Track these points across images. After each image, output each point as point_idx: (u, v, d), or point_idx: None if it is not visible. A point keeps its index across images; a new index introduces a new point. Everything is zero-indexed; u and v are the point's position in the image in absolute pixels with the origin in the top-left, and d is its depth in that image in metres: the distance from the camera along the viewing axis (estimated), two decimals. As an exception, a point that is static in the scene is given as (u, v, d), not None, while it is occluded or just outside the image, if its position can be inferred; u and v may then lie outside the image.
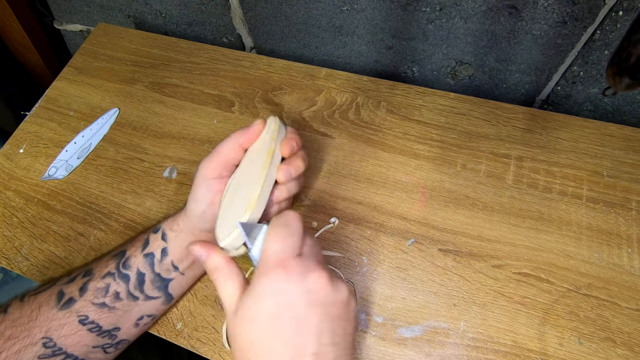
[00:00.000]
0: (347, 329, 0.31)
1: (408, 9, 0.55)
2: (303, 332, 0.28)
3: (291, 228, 0.31)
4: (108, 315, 0.37)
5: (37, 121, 0.58)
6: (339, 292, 0.30)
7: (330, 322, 0.29)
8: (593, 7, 0.47)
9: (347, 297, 0.31)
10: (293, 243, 0.31)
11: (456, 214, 0.47)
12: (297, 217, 0.32)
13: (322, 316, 0.29)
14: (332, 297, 0.30)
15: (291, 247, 0.31)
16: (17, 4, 0.76)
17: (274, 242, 0.31)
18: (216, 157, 0.38)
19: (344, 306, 0.30)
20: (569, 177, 0.49)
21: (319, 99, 0.57)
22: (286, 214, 0.32)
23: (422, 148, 0.52)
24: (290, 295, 0.29)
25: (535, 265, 0.44)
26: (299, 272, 0.29)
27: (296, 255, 0.31)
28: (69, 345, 0.35)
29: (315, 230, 0.47)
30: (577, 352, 0.39)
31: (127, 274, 0.38)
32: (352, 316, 0.31)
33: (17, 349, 0.34)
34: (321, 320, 0.29)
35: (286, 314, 0.29)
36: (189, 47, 0.64)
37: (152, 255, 0.39)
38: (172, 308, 0.43)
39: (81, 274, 0.38)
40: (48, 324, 0.35)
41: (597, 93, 0.57)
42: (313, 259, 0.31)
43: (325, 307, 0.29)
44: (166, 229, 0.40)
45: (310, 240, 0.33)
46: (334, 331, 0.29)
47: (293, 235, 0.31)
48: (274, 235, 0.31)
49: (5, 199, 0.52)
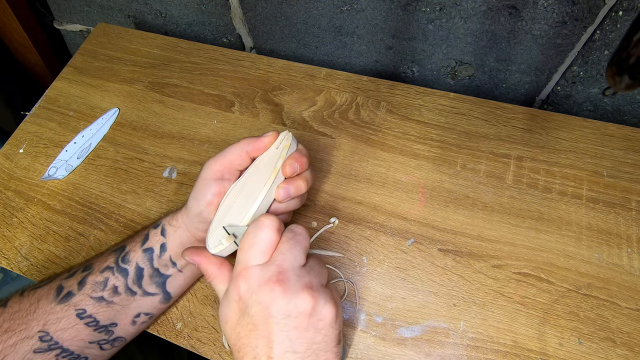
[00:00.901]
0: (315, 338, 0.31)
1: (408, 9, 0.55)
2: (260, 338, 0.30)
3: (259, 236, 0.32)
4: (105, 310, 0.37)
5: (37, 121, 0.58)
6: (296, 306, 0.30)
7: (286, 332, 0.30)
8: (593, 7, 0.47)
9: (309, 310, 0.31)
10: (257, 252, 0.32)
11: (456, 214, 0.47)
12: (270, 224, 0.33)
13: (277, 326, 0.30)
14: (286, 311, 0.30)
15: (255, 256, 0.32)
16: (17, 4, 0.76)
17: (241, 250, 0.33)
18: (221, 159, 0.38)
19: (304, 318, 0.30)
20: (568, 177, 0.49)
21: (319, 99, 0.57)
22: (260, 220, 0.33)
23: (422, 148, 0.52)
24: (247, 304, 0.31)
25: (535, 265, 0.44)
26: (257, 283, 0.31)
27: (261, 263, 0.32)
28: (65, 340, 0.35)
29: (315, 230, 0.47)
30: (577, 352, 0.39)
31: (125, 268, 0.38)
32: (322, 325, 0.31)
33: (14, 342, 0.34)
34: (276, 329, 0.30)
35: (245, 319, 0.31)
36: (189, 47, 0.64)
37: (152, 250, 0.39)
38: (171, 308, 0.43)
39: (81, 269, 0.39)
40: (46, 317, 0.35)
41: (597, 93, 0.57)
42: (275, 269, 0.31)
43: (280, 319, 0.30)
44: (166, 224, 0.40)
45: (284, 246, 0.32)
46: (294, 340, 0.30)
47: (258, 244, 0.32)
48: (243, 242, 0.33)
49: (5, 199, 0.52)
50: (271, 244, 0.32)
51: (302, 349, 0.30)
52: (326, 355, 0.31)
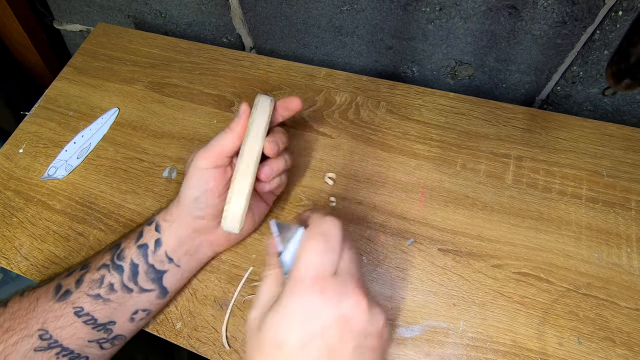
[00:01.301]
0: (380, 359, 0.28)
1: (408, 9, 0.55)
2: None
3: (330, 240, 0.28)
4: (103, 308, 0.37)
5: (37, 121, 0.58)
6: (375, 321, 0.27)
7: (361, 355, 0.27)
8: (593, 7, 0.47)
9: (382, 327, 0.28)
10: (331, 259, 0.28)
11: (456, 213, 0.47)
12: (337, 226, 0.29)
13: (356, 348, 0.26)
14: (368, 328, 0.27)
15: (329, 264, 0.27)
16: (17, 4, 0.76)
17: (310, 255, 0.28)
18: (212, 150, 0.38)
19: (378, 337, 0.27)
20: (568, 177, 0.49)
21: (319, 98, 0.57)
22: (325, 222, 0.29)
23: (422, 148, 0.52)
24: (324, 321, 0.26)
25: (534, 265, 0.44)
26: (336, 295, 0.26)
27: (333, 272, 0.27)
28: (65, 338, 0.35)
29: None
30: (576, 351, 0.39)
31: (121, 265, 0.38)
32: (386, 346, 0.29)
33: (15, 341, 0.34)
34: (354, 352, 0.26)
35: (318, 342, 0.26)
36: (189, 47, 0.64)
37: (146, 246, 0.39)
38: (171, 308, 0.43)
39: (78, 268, 0.39)
40: (45, 315, 0.36)
41: (597, 93, 0.57)
42: (351, 279, 0.27)
43: (360, 339, 0.27)
44: (159, 220, 0.40)
45: (348, 254, 0.29)
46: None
47: (332, 250, 0.28)
48: (310, 247, 0.28)
49: (5, 199, 0.52)
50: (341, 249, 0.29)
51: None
52: None
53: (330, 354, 0.26)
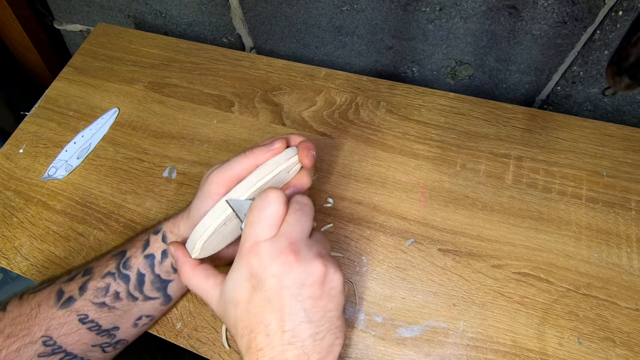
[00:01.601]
0: (328, 306, 0.31)
1: (408, 9, 0.55)
2: (274, 311, 0.30)
3: (267, 210, 0.32)
4: (107, 315, 0.37)
5: (37, 121, 0.58)
6: (310, 274, 0.30)
7: (301, 302, 0.30)
8: (593, 7, 0.47)
9: (322, 277, 0.31)
10: (266, 226, 0.32)
11: (456, 214, 0.47)
12: (277, 198, 0.32)
13: (292, 297, 0.30)
14: (301, 280, 0.30)
15: (264, 230, 0.32)
16: (17, 4, 0.76)
17: (249, 225, 0.32)
18: (228, 172, 0.36)
19: (317, 286, 0.31)
20: (568, 177, 0.49)
21: (319, 99, 0.57)
22: (266, 194, 0.33)
23: (422, 148, 0.52)
24: (260, 278, 0.31)
25: (534, 265, 0.44)
26: (268, 257, 0.31)
27: (270, 237, 0.31)
28: (69, 344, 0.35)
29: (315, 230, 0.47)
30: (576, 351, 0.39)
31: (127, 274, 0.38)
32: (335, 292, 0.32)
33: (17, 347, 0.34)
34: (291, 301, 0.30)
35: (258, 295, 0.31)
36: (189, 47, 0.64)
37: (153, 256, 0.39)
38: (171, 308, 0.43)
39: (81, 273, 0.38)
40: (48, 322, 0.35)
41: (597, 93, 0.57)
42: (285, 241, 0.31)
43: (294, 289, 0.30)
44: (167, 231, 0.40)
45: (291, 218, 0.32)
46: (308, 309, 0.30)
47: (267, 218, 0.32)
48: (250, 217, 0.32)
49: (5, 199, 0.52)
50: (279, 217, 0.32)
51: (317, 317, 0.30)
52: (338, 322, 0.32)
53: (269, 303, 0.30)
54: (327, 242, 0.35)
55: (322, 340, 0.31)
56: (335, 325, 0.32)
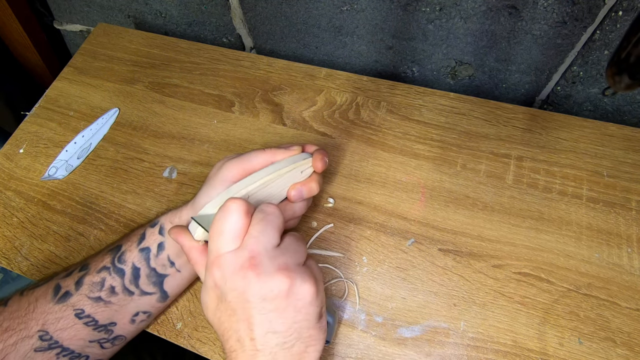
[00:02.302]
0: (295, 317, 0.31)
1: (408, 9, 0.55)
2: (241, 321, 0.30)
3: (227, 221, 0.32)
4: (104, 310, 0.37)
5: (37, 121, 0.58)
6: (271, 289, 0.30)
7: (265, 315, 0.30)
8: (593, 7, 0.47)
9: (286, 291, 0.30)
10: (228, 237, 0.31)
11: (456, 214, 0.47)
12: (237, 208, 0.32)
13: (255, 310, 0.30)
14: (262, 294, 0.30)
15: (226, 242, 0.31)
16: (17, 4, 0.76)
17: (211, 238, 0.32)
18: (244, 164, 0.38)
19: (282, 299, 0.30)
20: (569, 177, 0.49)
21: (319, 99, 0.57)
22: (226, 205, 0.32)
23: (422, 148, 0.52)
24: (223, 290, 0.31)
25: (535, 265, 0.44)
26: (230, 270, 0.31)
27: (232, 248, 0.31)
28: (65, 339, 0.35)
29: (315, 230, 0.47)
30: (577, 351, 0.39)
31: (122, 268, 0.38)
32: (302, 304, 0.31)
33: (14, 341, 0.34)
34: (255, 313, 0.30)
35: (224, 305, 0.31)
36: (189, 47, 0.64)
37: (148, 249, 0.39)
38: (172, 308, 0.43)
39: (77, 269, 0.39)
40: (44, 317, 0.35)
41: (597, 93, 0.57)
42: (247, 254, 0.31)
43: (257, 303, 0.30)
44: (165, 222, 0.40)
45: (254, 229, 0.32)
46: (274, 321, 0.30)
47: (228, 230, 0.31)
48: (212, 230, 0.32)
49: (5, 199, 0.52)
50: (240, 229, 0.32)
51: (283, 328, 0.30)
52: (309, 332, 0.31)
53: (233, 313, 0.31)
54: (299, 249, 0.34)
55: (291, 348, 0.30)
56: (306, 335, 0.31)
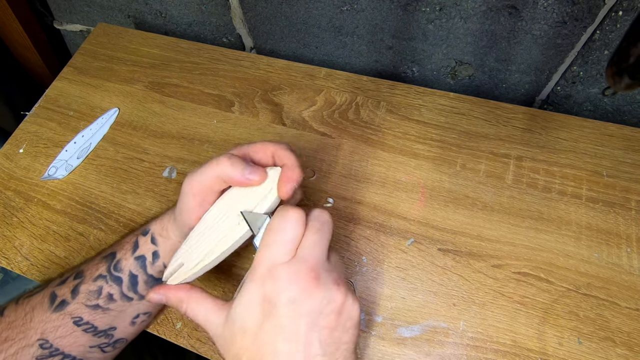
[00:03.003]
0: (343, 338, 0.29)
1: (408, 9, 0.55)
2: (289, 341, 0.28)
3: (285, 231, 0.30)
4: (103, 316, 0.37)
5: (37, 121, 0.58)
6: (329, 302, 0.29)
7: (318, 332, 0.28)
8: (593, 7, 0.47)
9: (340, 307, 0.29)
10: (284, 248, 0.30)
11: (456, 213, 0.47)
12: (297, 218, 0.30)
13: (309, 326, 0.28)
14: (320, 308, 0.29)
15: (282, 253, 0.30)
16: (17, 4, 0.76)
17: (265, 246, 0.30)
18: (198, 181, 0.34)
19: (335, 316, 0.29)
20: (568, 177, 0.49)
21: (319, 98, 0.57)
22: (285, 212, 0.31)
23: (422, 148, 0.52)
24: (275, 304, 0.28)
25: (534, 265, 0.44)
26: (287, 281, 0.29)
27: (287, 260, 0.30)
28: (66, 346, 0.35)
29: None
30: (576, 351, 0.39)
31: (119, 276, 0.38)
32: (350, 324, 0.30)
33: (15, 351, 0.34)
34: (307, 330, 0.28)
35: (271, 322, 0.28)
36: (189, 47, 0.64)
37: (144, 257, 0.38)
38: (171, 308, 0.43)
39: (72, 276, 0.38)
40: (43, 325, 0.35)
41: (597, 93, 0.57)
42: (305, 265, 0.29)
43: (312, 318, 0.28)
44: (155, 234, 0.39)
45: (311, 240, 0.30)
46: (324, 341, 0.29)
47: (285, 242, 0.30)
48: (266, 238, 0.31)
49: (5, 199, 0.52)
50: (298, 239, 0.30)
51: (331, 350, 0.29)
52: (352, 356, 0.30)
53: (283, 331, 0.28)
54: (343, 266, 0.33)
55: None
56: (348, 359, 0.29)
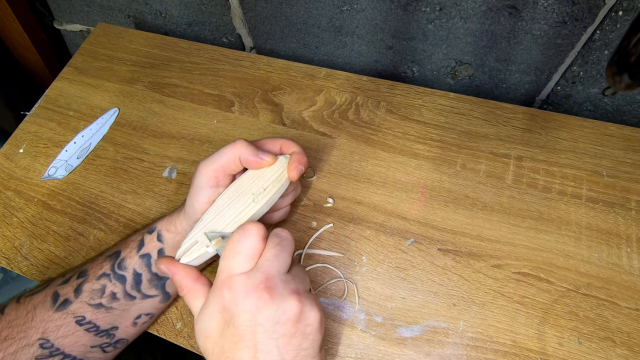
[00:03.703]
0: (302, 344, 0.30)
1: (408, 9, 0.55)
2: (246, 348, 0.29)
3: (244, 243, 0.31)
4: (105, 315, 0.37)
5: (37, 121, 0.58)
6: (284, 311, 0.30)
7: (275, 340, 0.29)
8: (593, 7, 0.47)
9: (297, 315, 0.30)
10: (243, 259, 0.31)
11: (456, 213, 0.47)
12: (256, 232, 0.32)
13: (267, 334, 0.29)
14: (275, 317, 0.29)
15: (240, 263, 0.31)
16: (17, 4, 0.76)
17: (225, 258, 0.32)
18: (215, 164, 0.37)
19: (292, 324, 0.30)
20: (568, 177, 0.49)
21: (319, 98, 0.57)
22: (245, 227, 0.32)
23: (422, 148, 0.52)
24: (233, 313, 0.30)
25: (534, 265, 0.44)
26: (242, 291, 0.30)
27: (246, 270, 0.31)
28: (67, 346, 0.35)
29: (315, 230, 0.47)
30: (576, 351, 0.39)
31: (123, 274, 0.38)
32: (310, 330, 0.31)
33: (14, 350, 0.34)
34: (265, 338, 0.29)
35: (230, 331, 0.30)
36: (189, 47, 0.64)
37: (149, 256, 0.39)
38: (171, 308, 0.43)
39: (75, 275, 0.38)
40: (44, 325, 0.35)
41: (597, 93, 0.57)
42: (261, 276, 0.30)
43: (268, 326, 0.29)
44: (162, 229, 0.39)
45: (270, 253, 0.32)
46: (282, 348, 0.30)
47: (244, 251, 0.31)
48: (226, 250, 0.32)
49: (5, 199, 0.52)
50: (257, 251, 0.32)
51: (291, 356, 0.30)
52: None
53: (241, 339, 0.29)
54: (306, 278, 0.34)
55: None
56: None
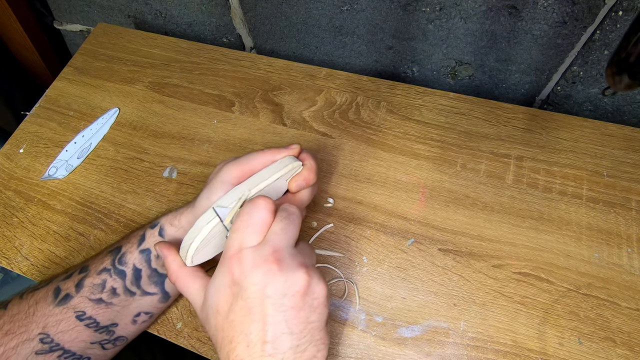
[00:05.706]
0: (310, 317, 0.31)
1: (408, 9, 0.55)
2: (256, 321, 0.29)
3: (254, 216, 0.32)
4: (105, 311, 0.37)
5: (37, 121, 0.58)
6: (293, 284, 0.30)
7: (283, 313, 0.30)
8: (593, 7, 0.47)
9: (305, 288, 0.30)
10: (252, 232, 0.31)
11: (456, 213, 0.47)
12: (265, 205, 0.32)
13: (275, 307, 0.30)
14: (283, 289, 0.30)
15: (250, 237, 0.31)
16: (17, 4, 0.76)
17: (234, 231, 0.32)
18: (243, 166, 0.38)
19: (300, 296, 0.30)
20: (568, 177, 0.49)
21: (319, 98, 0.57)
22: (255, 201, 0.32)
23: (422, 148, 0.52)
24: (242, 286, 0.30)
25: (535, 265, 0.44)
26: (251, 264, 0.30)
27: (255, 244, 0.31)
28: (67, 341, 0.35)
29: (315, 230, 0.47)
30: (577, 351, 0.39)
31: (123, 269, 0.38)
32: (317, 303, 0.31)
33: (15, 344, 0.34)
34: (274, 310, 0.29)
35: (239, 304, 0.30)
36: (189, 47, 0.64)
37: (149, 251, 0.39)
38: (172, 308, 0.43)
39: (77, 271, 0.39)
40: (45, 319, 0.35)
41: (597, 93, 0.57)
42: (269, 249, 0.31)
43: (277, 299, 0.30)
44: (165, 224, 0.40)
45: (278, 226, 0.32)
46: (290, 320, 0.30)
47: (253, 225, 0.32)
48: (236, 223, 0.32)
49: (5, 199, 0.52)
50: (266, 225, 0.32)
51: (299, 329, 0.30)
52: (320, 334, 0.31)
53: (250, 312, 0.30)
54: (313, 253, 0.35)
55: (303, 352, 0.30)
56: (317, 338, 0.31)
